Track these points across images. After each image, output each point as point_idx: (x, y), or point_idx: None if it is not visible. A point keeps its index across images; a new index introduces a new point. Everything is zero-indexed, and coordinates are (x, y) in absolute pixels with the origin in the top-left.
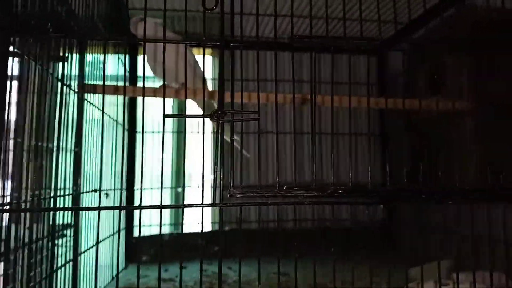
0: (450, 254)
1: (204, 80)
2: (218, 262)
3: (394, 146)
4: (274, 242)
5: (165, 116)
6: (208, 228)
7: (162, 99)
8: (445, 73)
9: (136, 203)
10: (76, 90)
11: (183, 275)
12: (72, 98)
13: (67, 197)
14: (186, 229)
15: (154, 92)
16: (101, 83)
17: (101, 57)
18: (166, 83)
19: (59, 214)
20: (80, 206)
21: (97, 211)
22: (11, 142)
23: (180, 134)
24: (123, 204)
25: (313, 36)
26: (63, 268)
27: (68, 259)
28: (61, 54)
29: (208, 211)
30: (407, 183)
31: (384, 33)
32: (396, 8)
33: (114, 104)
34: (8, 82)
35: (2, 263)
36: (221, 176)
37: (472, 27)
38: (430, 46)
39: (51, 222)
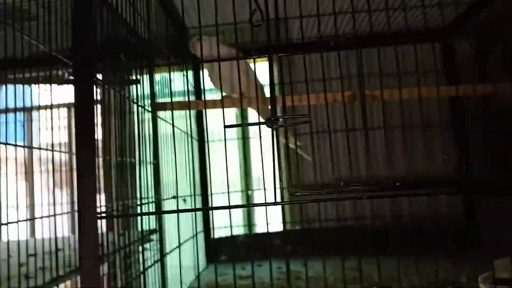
0: None
1: (260, 89)
2: (286, 260)
3: (471, 138)
4: (339, 240)
5: (225, 126)
6: (280, 228)
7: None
8: None
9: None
10: (149, 109)
11: (259, 272)
12: (147, 116)
13: (150, 204)
14: (261, 230)
15: (214, 104)
16: (169, 100)
17: (168, 76)
18: (225, 93)
19: (145, 220)
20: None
21: (176, 215)
22: (100, 159)
23: (246, 140)
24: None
25: (354, 37)
26: (152, 268)
27: (155, 260)
28: (133, 77)
29: (279, 212)
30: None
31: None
32: None
33: (184, 117)
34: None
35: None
36: (280, 177)
37: None
38: (501, 26)
39: (139, 228)
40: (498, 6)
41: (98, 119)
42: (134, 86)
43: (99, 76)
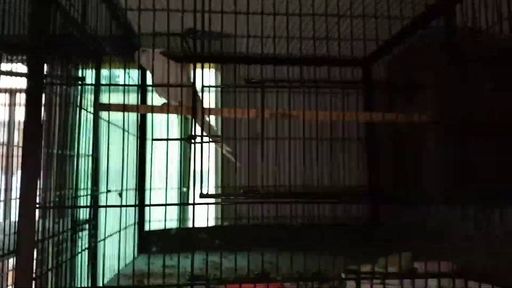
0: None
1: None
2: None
3: (377, 152)
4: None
5: (153, 139)
6: (212, 223)
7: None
8: (417, 88)
9: (147, 202)
10: (91, 110)
11: (185, 263)
12: (89, 116)
13: (87, 196)
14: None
15: (152, 110)
16: (113, 96)
17: (114, 72)
18: (166, 100)
19: (81, 210)
20: (98, 204)
21: (111, 208)
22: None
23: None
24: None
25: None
26: (83, 255)
27: (86, 247)
28: (79, 74)
29: (212, 208)
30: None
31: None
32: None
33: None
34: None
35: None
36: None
37: (440, 47)
38: (404, 62)
39: (74, 218)
40: (407, 46)
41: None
42: (79, 82)
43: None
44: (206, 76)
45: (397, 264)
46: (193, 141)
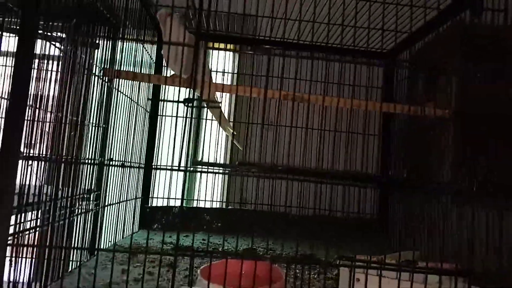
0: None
1: (208, 74)
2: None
3: (396, 146)
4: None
5: (148, 99)
6: (216, 205)
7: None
8: (437, 82)
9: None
10: (103, 76)
11: (185, 242)
12: (100, 82)
13: (92, 165)
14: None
15: (159, 80)
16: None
17: (131, 45)
18: (175, 72)
19: (87, 176)
20: (104, 175)
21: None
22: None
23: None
24: (142, 178)
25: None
26: (87, 217)
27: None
28: (94, 40)
29: (219, 192)
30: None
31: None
32: (398, 20)
33: (141, 89)
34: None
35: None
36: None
37: (461, 41)
38: (426, 56)
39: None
40: (429, 40)
41: (53, 75)
42: (95, 50)
43: (62, 35)
44: (223, 58)
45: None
46: (189, 104)
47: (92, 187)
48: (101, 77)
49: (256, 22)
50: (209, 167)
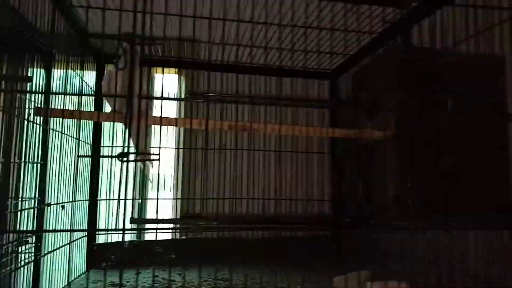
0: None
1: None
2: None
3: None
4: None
5: (79, 156)
6: (168, 236)
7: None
8: (377, 104)
9: (100, 212)
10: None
11: (136, 281)
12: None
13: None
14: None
15: (95, 117)
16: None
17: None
18: (117, 108)
19: (23, 222)
20: (44, 215)
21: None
22: None
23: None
24: (87, 213)
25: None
26: (25, 269)
27: (29, 261)
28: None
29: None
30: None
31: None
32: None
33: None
34: None
35: None
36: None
37: (399, 64)
38: (365, 78)
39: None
40: (368, 63)
41: None
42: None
43: None
44: (167, 82)
45: (356, 282)
46: (125, 159)
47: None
48: (33, 120)
49: (196, 46)
50: (149, 225)
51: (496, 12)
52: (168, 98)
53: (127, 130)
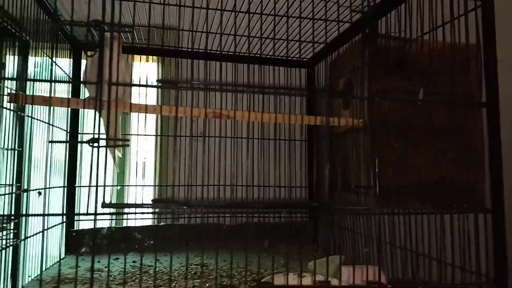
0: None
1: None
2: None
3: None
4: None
5: (50, 141)
6: (148, 222)
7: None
8: (352, 90)
9: (78, 198)
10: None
11: (112, 266)
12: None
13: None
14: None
15: (68, 103)
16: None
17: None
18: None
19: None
20: (22, 201)
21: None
22: None
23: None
24: (64, 200)
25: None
26: (4, 253)
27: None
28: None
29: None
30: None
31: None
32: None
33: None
34: None
35: None
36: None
37: (373, 51)
38: (340, 67)
39: None
40: (345, 50)
41: None
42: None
43: None
44: (146, 70)
45: (325, 268)
46: (95, 144)
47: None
48: (8, 106)
49: (178, 34)
50: (120, 209)
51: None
52: (142, 85)
53: (98, 117)
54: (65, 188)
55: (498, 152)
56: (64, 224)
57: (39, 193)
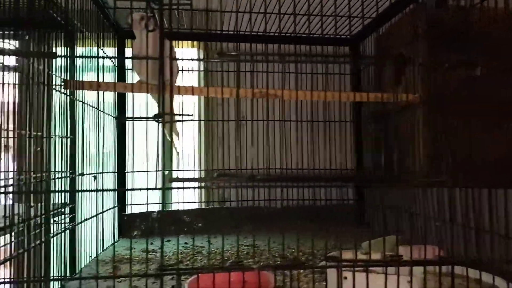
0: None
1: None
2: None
3: (366, 134)
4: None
5: (116, 117)
6: (196, 206)
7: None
8: (404, 66)
9: (128, 184)
10: (61, 89)
11: (167, 248)
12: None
13: (64, 179)
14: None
15: (125, 88)
16: (89, 76)
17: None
18: (141, 79)
19: (58, 195)
20: (76, 187)
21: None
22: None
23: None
24: (116, 186)
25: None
26: (60, 238)
27: (63, 229)
28: (51, 50)
29: (196, 191)
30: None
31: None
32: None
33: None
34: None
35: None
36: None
37: (426, 23)
38: (392, 40)
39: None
40: (393, 23)
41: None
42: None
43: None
44: (189, 54)
45: (381, 248)
46: (160, 119)
47: (67, 201)
48: (62, 91)
49: (223, 17)
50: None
51: None
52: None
53: (160, 95)
54: (117, 174)
55: None
56: (116, 208)
57: (94, 177)
